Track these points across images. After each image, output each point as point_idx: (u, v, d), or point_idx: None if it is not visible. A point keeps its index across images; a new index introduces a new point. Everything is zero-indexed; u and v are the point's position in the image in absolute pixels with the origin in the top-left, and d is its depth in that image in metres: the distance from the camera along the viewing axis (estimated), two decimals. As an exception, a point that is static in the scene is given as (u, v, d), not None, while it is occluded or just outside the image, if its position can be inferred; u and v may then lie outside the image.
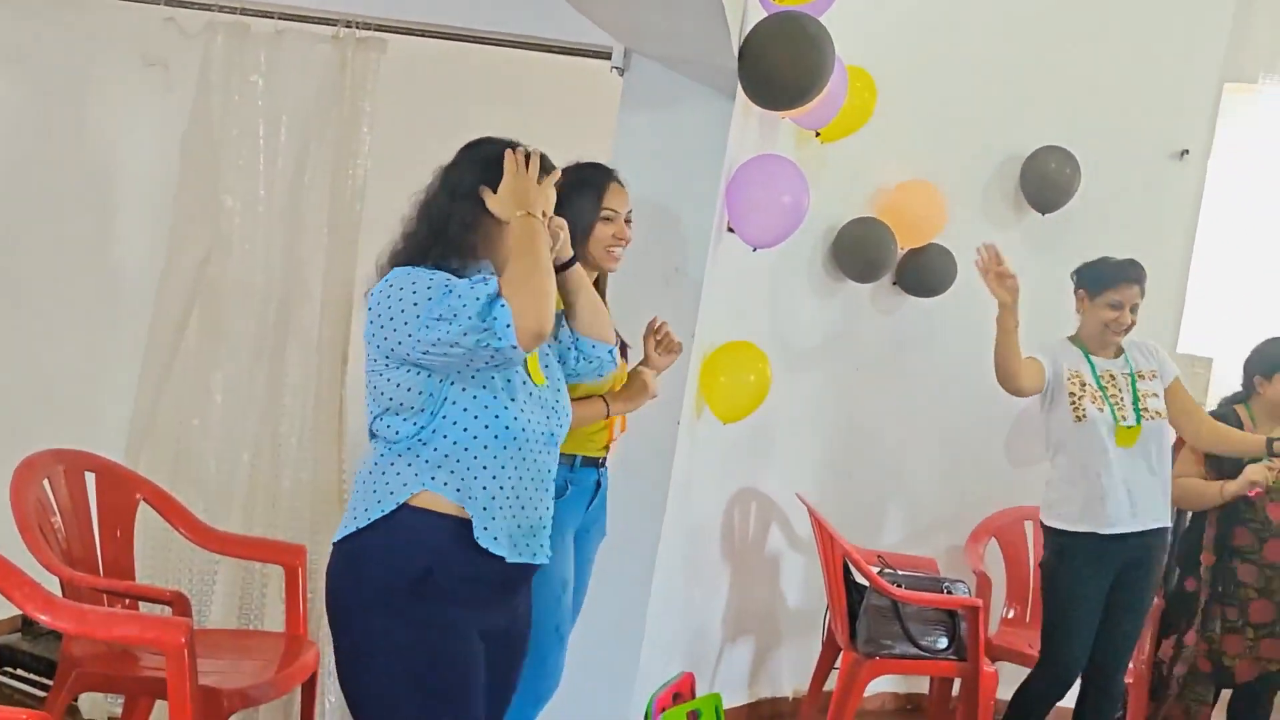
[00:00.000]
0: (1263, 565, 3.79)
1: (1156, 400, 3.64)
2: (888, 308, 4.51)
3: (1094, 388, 3.60)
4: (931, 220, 4.38)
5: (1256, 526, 3.79)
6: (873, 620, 3.83)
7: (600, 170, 2.76)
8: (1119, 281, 3.59)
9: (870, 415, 4.55)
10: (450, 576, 2.11)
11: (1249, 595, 3.79)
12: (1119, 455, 3.56)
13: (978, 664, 3.79)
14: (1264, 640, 3.80)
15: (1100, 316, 3.61)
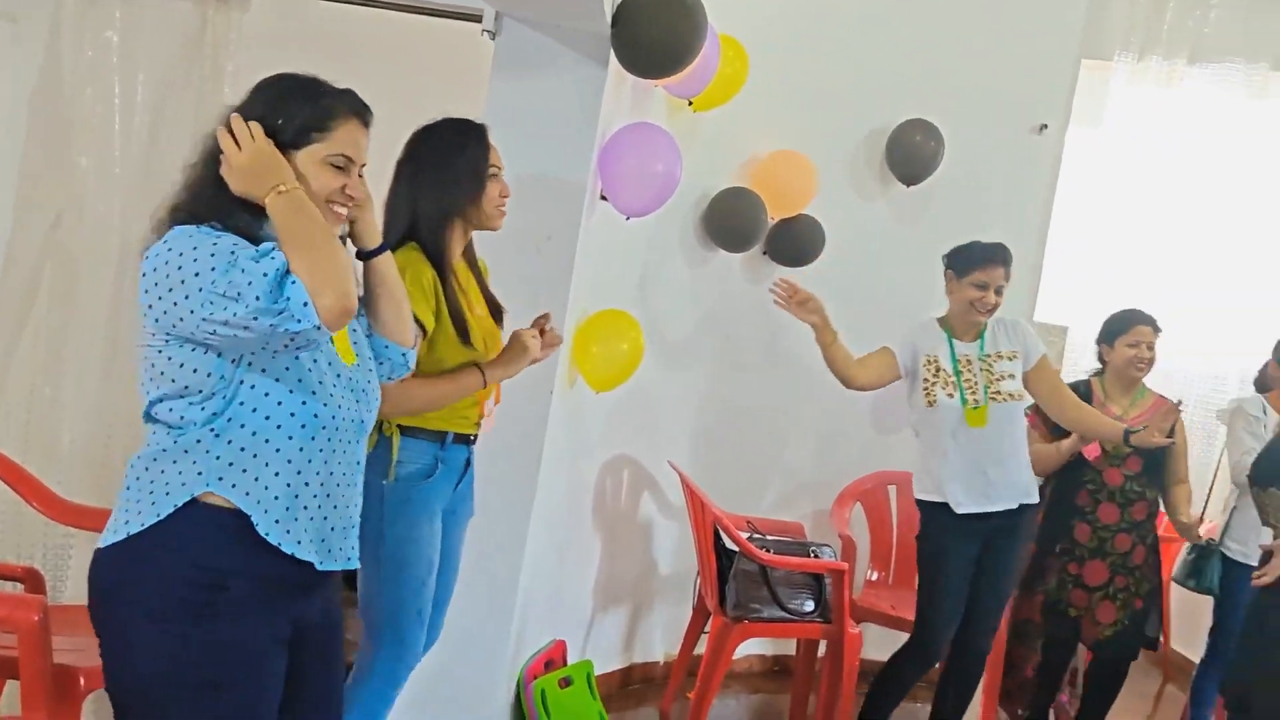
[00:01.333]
0: (1097, 526, 3.96)
1: (1012, 382, 3.73)
2: (758, 277, 4.55)
3: (948, 373, 3.70)
4: (802, 190, 4.44)
5: (1093, 489, 3.95)
6: (742, 585, 3.89)
7: (479, 127, 2.69)
8: (984, 263, 3.69)
9: (740, 383, 4.60)
10: (245, 587, 1.83)
11: (1084, 555, 3.97)
12: (970, 436, 3.67)
13: (843, 625, 3.88)
14: (1102, 603, 3.97)
15: (966, 296, 3.71)
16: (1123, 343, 4.03)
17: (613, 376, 3.67)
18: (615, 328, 3.65)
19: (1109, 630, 3.99)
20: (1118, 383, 4.06)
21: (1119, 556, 3.97)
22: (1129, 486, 3.97)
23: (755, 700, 4.54)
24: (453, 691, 3.26)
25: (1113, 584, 3.98)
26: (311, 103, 1.95)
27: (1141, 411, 4.05)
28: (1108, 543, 3.96)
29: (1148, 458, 3.98)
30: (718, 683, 3.86)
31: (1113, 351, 4.07)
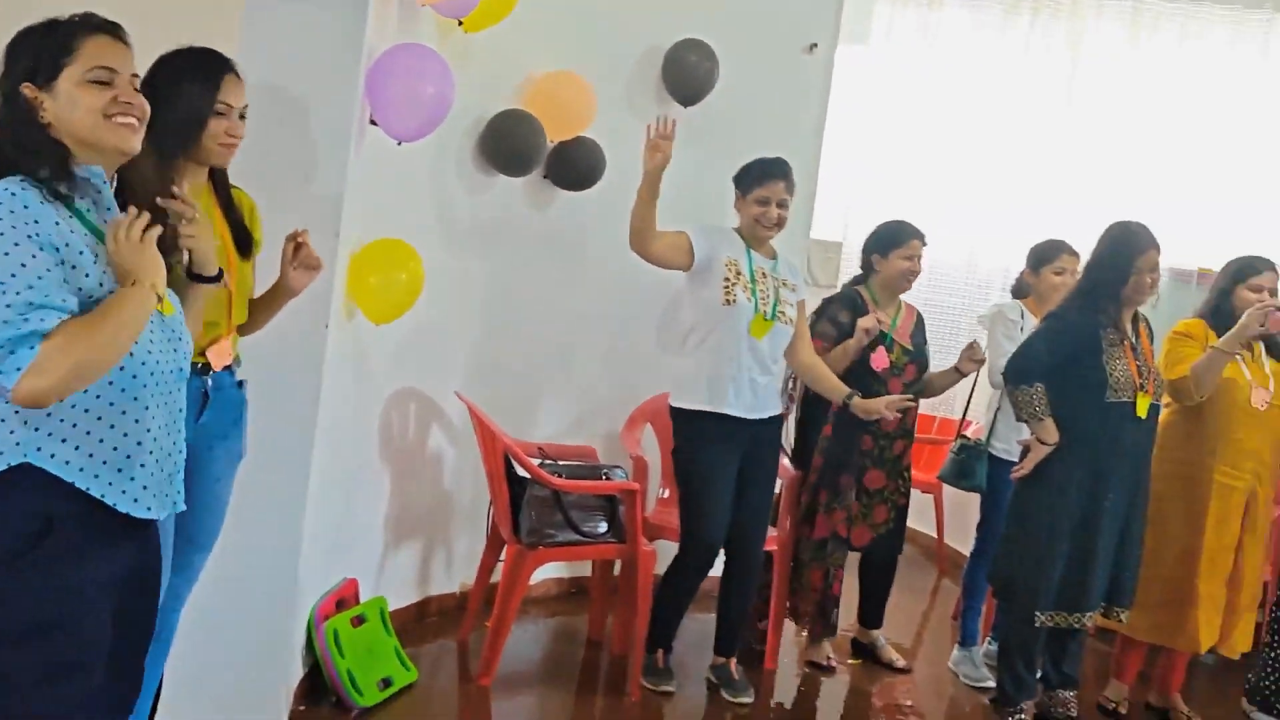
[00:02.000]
0: (878, 435, 4.13)
1: (792, 309, 3.88)
2: (540, 201, 4.51)
3: (747, 278, 3.76)
4: (580, 112, 4.39)
5: (876, 393, 4.11)
6: (535, 511, 3.89)
7: (215, 59, 2.53)
8: (765, 178, 3.76)
9: (526, 309, 4.56)
10: (74, 532, 1.87)
11: (865, 464, 4.13)
12: (750, 345, 3.77)
13: (636, 545, 3.93)
14: (877, 506, 4.17)
15: (750, 212, 3.77)
16: (897, 255, 4.17)
17: (392, 308, 3.58)
18: (392, 258, 3.55)
19: (881, 529, 4.19)
20: (886, 291, 4.21)
21: (893, 461, 4.17)
22: (905, 394, 4.14)
23: (553, 623, 4.58)
24: (239, 639, 3.15)
25: (887, 488, 4.17)
26: (50, 35, 1.96)
27: (905, 319, 4.23)
28: (886, 450, 4.15)
29: (919, 365, 4.17)
30: (515, 610, 3.86)
31: (886, 262, 4.20)
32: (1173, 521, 3.99)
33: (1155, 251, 3.72)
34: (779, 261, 3.89)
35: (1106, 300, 3.72)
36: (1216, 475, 3.99)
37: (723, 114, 4.68)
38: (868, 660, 4.49)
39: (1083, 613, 3.73)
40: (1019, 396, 3.72)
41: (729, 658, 4.03)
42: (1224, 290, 4.10)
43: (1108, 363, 3.66)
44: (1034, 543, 3.75)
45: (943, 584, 5.75)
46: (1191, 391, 3.91)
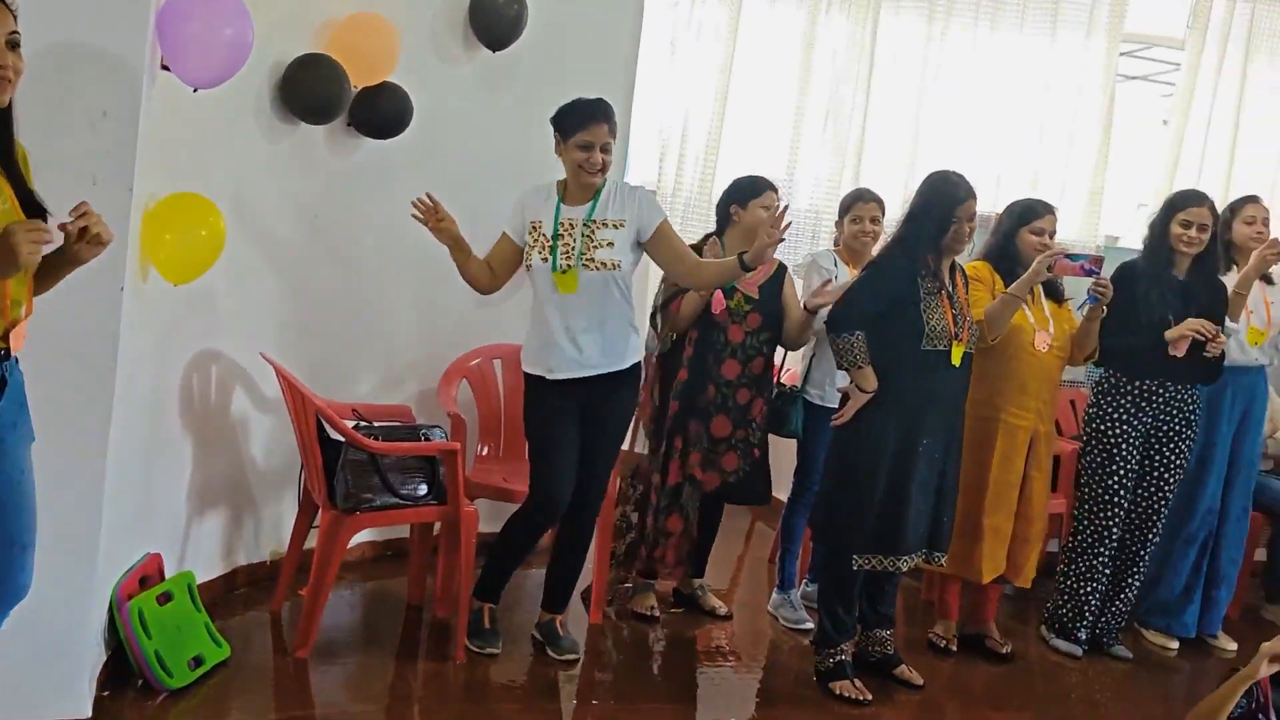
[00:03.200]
0: (720, 383, 4.15)
1: (609, 251, 3.67)
2: (344, 150, 4.31)
3: (547, 237, 3.66)
4: (383, 57, 4.19)
5: (718, 347, 4.11)
6: (351, 475, 3.74)
7: None
8: (587, 121, 3.64)
9: (333, 264, 4.37)
10: None
11: (711, 411, 4.15)
12: (562, 303, 3.67)
13: (458, 505, 3.83)
14: (726, 454, 4.19)
15: (573, 158, 3.66)
16: (756, 205, 4.17)
17: (192, 266, 3.36)
18: (190, 213, 3.33)
19: (731, 477, 4.22)
20: (740, 243, 4.19)
21: (740, 410, 4.18)
22: (749, 342, 4.18)
23: (371, 588, 4.45)
24: (35, 625, 2.92)
25: (734, 435, 4.20)
26: None
27: (758, 270, 4.22)
28: (730, 398, 4.16)
29: (765, 314, 4.18)
30: (332, 577, 3.73)
31: (745, 212, 4.19)
32: (965, 459, 4.13)
33: (973, 200, 3.80)
34: (598, 200, 3.72)
35: (926, 249, 3.79)
36: (1003, 415, 4.16)
37: (533, 58, 4.56)
38: (690, 608, 4.53)
39: (899, 556, 3.83)
40: (840, 344, 3.76)
41: (557, 614, 3.99)
42: (1008, 233, 4.25)
43: (925, 311, 3.74)
44: (852, 488, 3.82)
45: (757, 528, 5.85)
46: (985, 335, 4.04)
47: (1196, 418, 4.42)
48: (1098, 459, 4.41)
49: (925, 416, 3.78)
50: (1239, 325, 4.48)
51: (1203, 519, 4.67)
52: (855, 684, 3.87)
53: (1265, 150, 5.80)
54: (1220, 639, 4.82)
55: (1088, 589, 4.48)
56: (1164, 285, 4.33)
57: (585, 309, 3.68)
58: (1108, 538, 4.42)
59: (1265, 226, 4.55)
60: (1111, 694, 4.24)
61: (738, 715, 3.68)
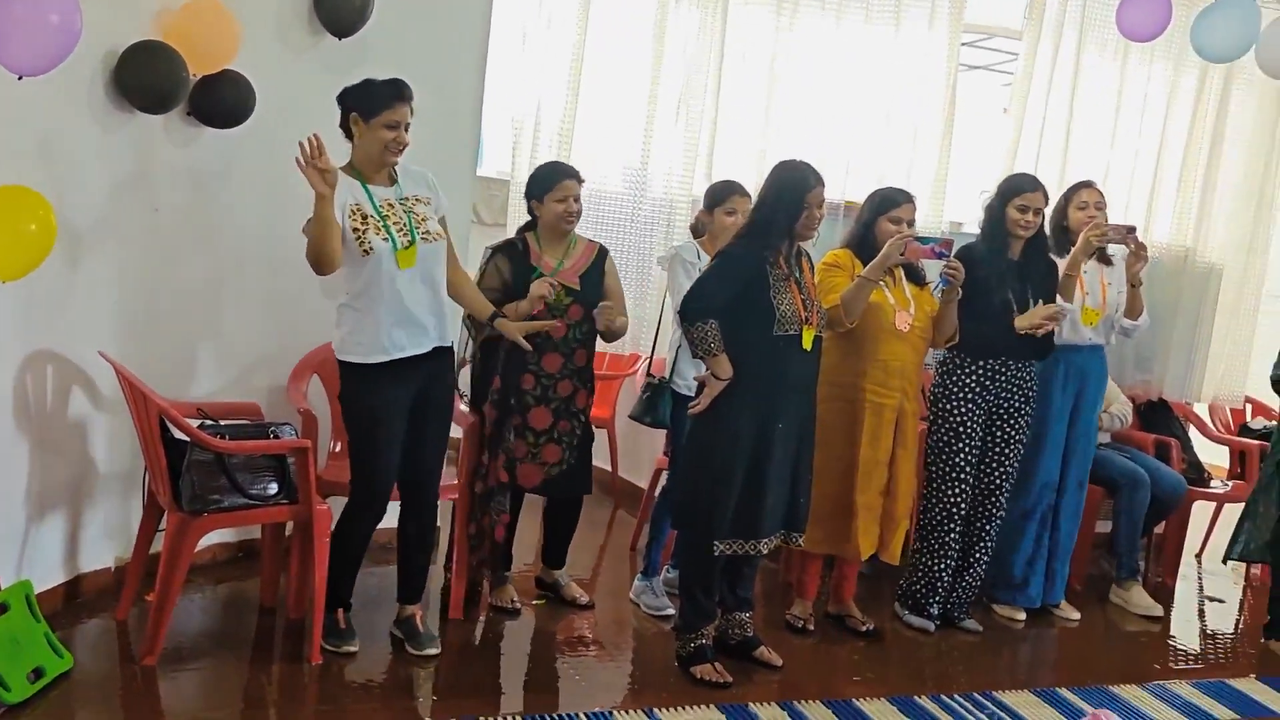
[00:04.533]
0: (540, 375, 4.13)
1: (432, 223, 3.71)
2: (184, 140, 4.17)
3: (375, 219, 3.60)
4: (223, 44, 4.07)
5: (539, 340, 4.09)
6: (197, 476, 3.63)
7: None
8: (395, 101, 3.58)
9: (174, 258, 4.22)
10: None
11: (529, 403, 4.13)
12: (405, 280, 3.62)
13: (310, 504, 3.75)
14: (545, 446, 4.18)
15: (379, 138, 3.59)
16: (551, 198, 4.15)
17: (21, 262, 3.22)
18: (18, 207, 3.18)
19: (554, 469, 4.19)
20: (549, 236, 4.20)
21: (562, 401, 4.17)
22: (571, 335, 4.17)
23: (222, 591, 4.33)
24: None
25: (557, 428, 4.17)
26: None
27: (575, 260, 4.22)
28: (551, 389, 4.14)
29: (585, 305, 4.17)
30: (180, 581, 3.62)
31: (543, 206, 4.18)
32: (835, 440, 4.24)
33: (821, 187, 3.87)
34: (400, 182, 3.70)
35: (775, 236, 3.84)
36: (868, 394, 4.26)
37: (381, 46, 4.47)
38: (552, 599, 4.52)
39: (758, 539, 3.88)
40: (693, 333, 3.79)
41: (414, 607, 3.94)
42: (867, 222, 4.36)
43: (775, 297, 3.79)
44: (710, 474, 3.86)
45: (619, 516, 5.87)
46: (843, 318, 4.14)
47: (1034, 394, 4.59)
48: (944, 438, 4.53)
49: (779, 401, 3.84)
50: (1073, 305, 4.65)
51: (1040, 493, 4.84)
52: (716, 667, 3.92)
53: (1098, 136, 6.02)
54: (1063, 608, 5.01)
55: (939, 565, 4.60)
56: (1002, 267, 4.48)
57: (423, 281, 3.67)
58: (956, 514, 4.55)
59: (1098, 210, 4.74)
60: (963, 666, 4.37)
61: (600, 704, 3.68)
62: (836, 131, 5.61)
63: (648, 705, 3.69)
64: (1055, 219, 4.82)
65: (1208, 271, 6.37)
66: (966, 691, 4.08)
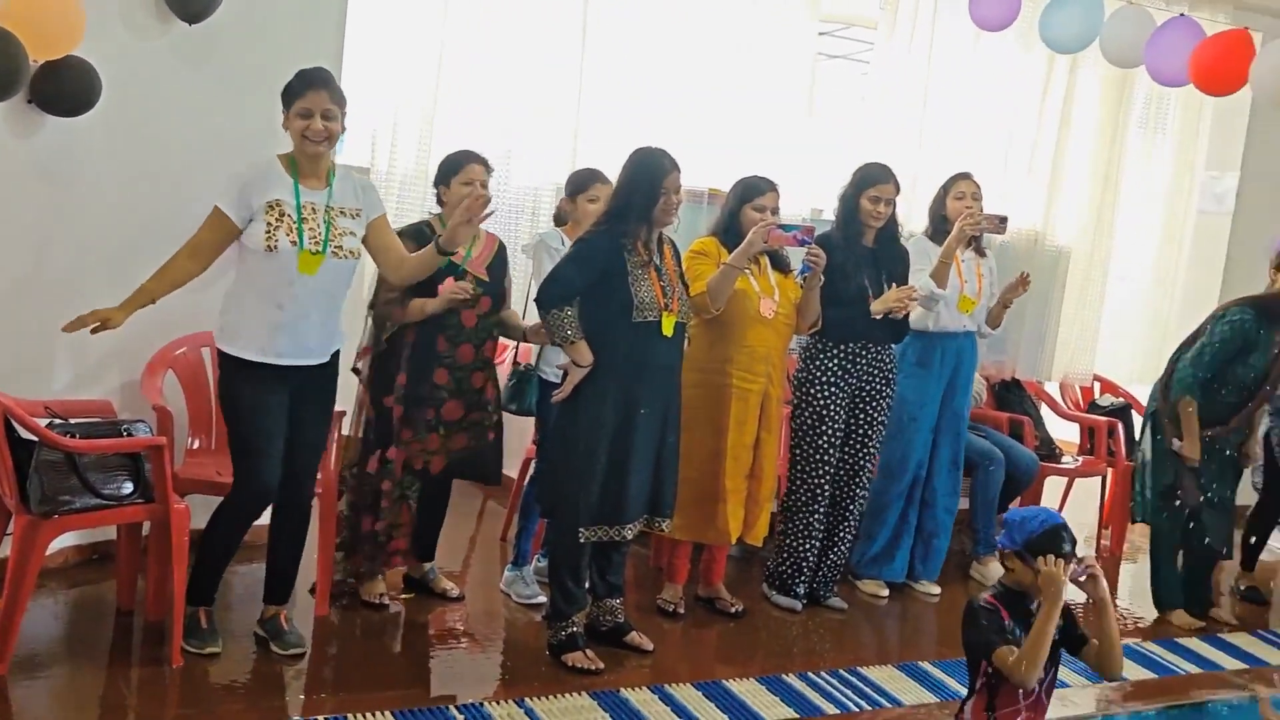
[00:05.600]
0: (454, 368, 4.10)
1: (352, 239, 3.62)
2: (26, 130, 4.00)
3: (292, 219, 3.52)
4: (66, 28, 3.91)
5: (451, 333, 4.06)
6: (46, 477, 3.49)
7: None
8: (304, 89, 3.51)
9: (18, 252, 4.06)
10: None
11: (443, 396, 4.09)
12: (303, 286, 3.54)
13: (167, 503, 3.64)
14: (455, 435, 4.16)
15: (295, 127, 3.52)
16: (458, 181, 4.12)
17: None
18: None
19: (459, 454, 4.18)
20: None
21: (474, 393, 4.16)
22: (481, 325, 4.14)
23: (76, 595, 4.18)
24: None
25: (468, 418, 4.17)
26: None
27: (483, 250, 4.19)
28: (464, 382, 4.11)
29: (494, 295, 4.16)
30: (30, 586, 3.48)
31: (449, 192, 4.14)
32: (701, 426, 4.29)
33: (677, 173, 3.90)
34: (334, 188, 3.62)
35: (634, 223, 3.86)
36: (735, 380, 4.32)
37: (234, 32, 4.36)
38: (421, 593, 4.47)
39: (623, 525, 3.91)
40: (551, 320, 3.80)
41: (280, 607, 3.86)
42: (732, 210, 4.42)
43: (633, 284, 3.82)
44: (573, 462, 3.87)
45: (489, 506, 5.84)
46: (709, 305, 4.20)
47: (894, 376, 4.71)
48: (808, 421, 4.62)
49: (641, 387, 3.86)
50: (948, 293, 4.79)
51: (913, 473, 4.99)
52: (587, 654, 3.93)
53: (952, 124, 6.17)
54: (922, 584, 5.15)
55: (805, 546, 4.69)
56: (857, 254, 4.58)
57: (320, 295, 3.59)
58: (820, 495, 4.64)
59: (975, 201, 4.90)
60: (830, 642, 4.47)
61: (472, 695, 3.67)
62: (700, 119, 5.65)
63: (519, 695, 3.68)
64: (934, 208, 5.02)
65: (1057, 254, 6.60)
66: (833, 668, 4.17)
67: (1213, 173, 7.09)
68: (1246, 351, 4.83)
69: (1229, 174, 7.12)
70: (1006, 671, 2.97)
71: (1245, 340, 4.81)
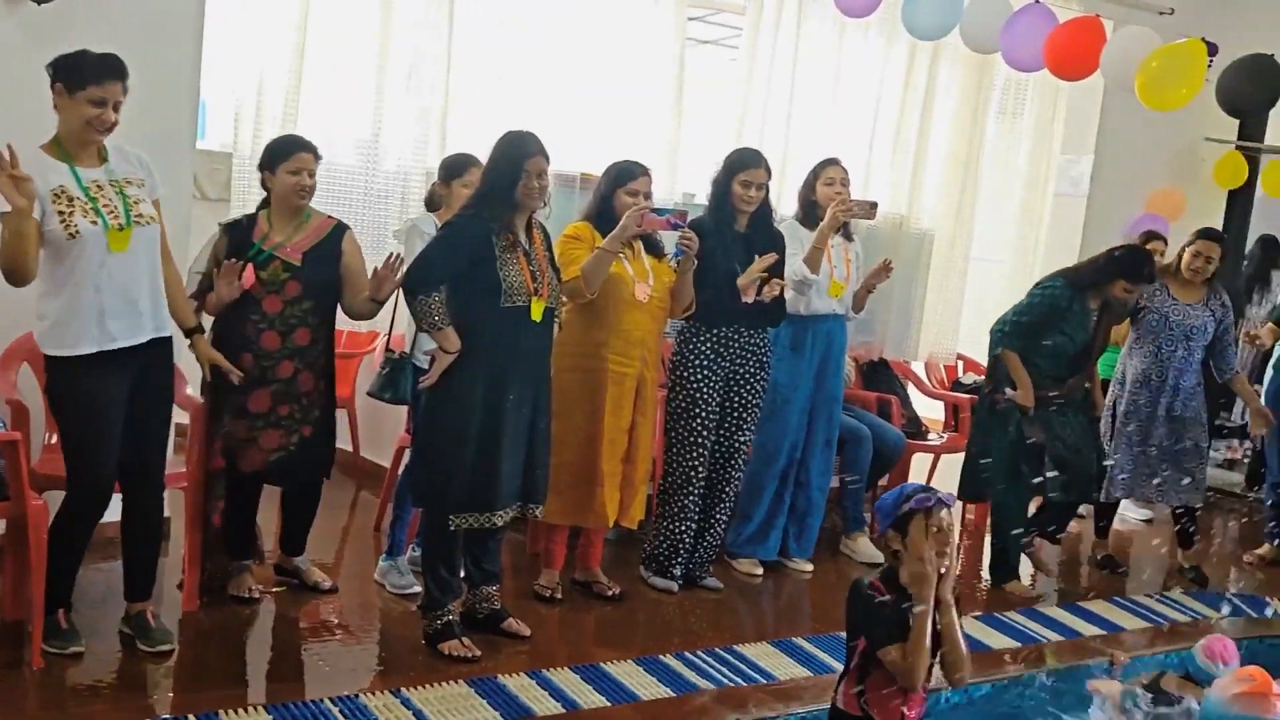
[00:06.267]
0: (259, 354, 4.00)
1: (147, 206, 3.55)
2: None
3: (83, 200, 3.40)
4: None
5: (256, 319, 3.97)
6: (-109, 476, 3.35)
7: None
8: (105, 77, 3.37)
9: None
10: None
11: (249, 385, 3.98)
12: (116, 262, 3.44)
13: (24, 500, 3.52)
14: (265, 431, 4.04)
15: (82, 114, 3.38)
16: (284, 169, 4.02)
17: None
18: None
19: (275, 455, 4.06)
20: (282, 210, 4.06)
21: (282, 384, 4.03)
22: (289, 313, 4.02)
23: (-73, 598, 4.01)
24: None
25: (275, 411, 4.04)
26: None
27: (306, 234, 4.09)
28: (269, 371, 4.00)
29: (306, 282, 4.03)
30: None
31: (275, 179, 4.04)
32: (577, 410, 4.30)
33: (541, 157, 3.87)
34: (110, 163, 3.51)
35: (500, 206, 3.83)
36: (610, 364, 4.34)
37: (87, 12, 4.20)
38: (293, 586, 4.39)
39: (494, 511, 3.89)
40: (418, 307, 3.76)
41: (145, 603, 3.76)
42: (605, 195, 4.43)
43: (501, 269, 3.80)
44: (443, 449, 3.85)
45: (361, 497, 5.76)
46: (583, 289, 4.21)
47: (769, 359, 4.77)
48: (683, 404, 4.66)
49: (510, 372, 3.85)
50: (820, 277, 4.87)
51: (788, 454, 5.07)
52: (464, 642, 3.91)
53: (820, 109, 6.27)
54: (796, 561, 5.24)
55: (680, 528, 4.73)
56: (729, 239, 4.63)
57: (137, 267, 3.51)
58: (695, 477, 4.68)
59: (844, 187, 4.98)
60: (707, 622, 4.53)
61: (347, 688, 3.62)
62: (572, 104, 5.64)
63: (395, 686, 3.65)
64: (804, 193, 5.10)
65: (921, 237, 6.75)
66: (710, 647, 4.22)
67: (1068, 156, 7.33)
68: (1058, 320, 5.00)
69: (1084, 158, 7.37)
70: (893, 670, 3.03)
71: (1054, 308, 5.00)
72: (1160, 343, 5.52)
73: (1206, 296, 5.58)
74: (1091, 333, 5.08)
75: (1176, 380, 5.52)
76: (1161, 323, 5.52)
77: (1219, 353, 5.61)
